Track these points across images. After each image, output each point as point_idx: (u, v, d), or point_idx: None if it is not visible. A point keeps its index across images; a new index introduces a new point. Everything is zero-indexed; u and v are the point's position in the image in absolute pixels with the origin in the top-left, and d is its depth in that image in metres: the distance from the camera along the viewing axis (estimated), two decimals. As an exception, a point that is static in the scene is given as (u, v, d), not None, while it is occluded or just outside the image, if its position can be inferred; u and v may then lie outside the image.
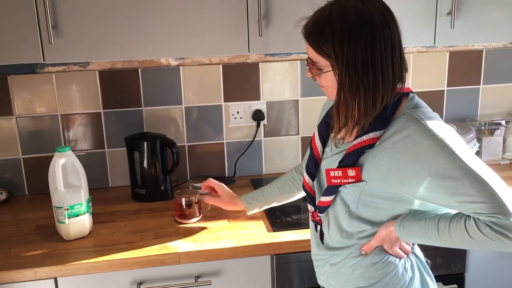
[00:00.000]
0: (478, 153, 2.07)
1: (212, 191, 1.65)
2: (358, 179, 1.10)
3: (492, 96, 2.20)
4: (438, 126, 1.04)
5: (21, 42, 1.51)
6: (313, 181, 1.23)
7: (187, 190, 1.72)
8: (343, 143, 1.17)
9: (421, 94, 1.08)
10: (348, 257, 1.19)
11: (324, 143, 1.22)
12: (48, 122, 1.92)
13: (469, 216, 1.03)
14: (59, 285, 1.44)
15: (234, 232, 1.55)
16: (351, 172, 1.10)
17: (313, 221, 1.26)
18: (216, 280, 1.50)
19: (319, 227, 1.24)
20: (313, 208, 1.24)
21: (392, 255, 1.16)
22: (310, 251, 1.32)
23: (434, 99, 2.16)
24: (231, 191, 1.63)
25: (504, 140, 2.13)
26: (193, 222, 1.66)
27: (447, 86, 2.16)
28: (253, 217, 1.65)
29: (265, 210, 1.64)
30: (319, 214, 1.22)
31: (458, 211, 1.05)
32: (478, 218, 1.01)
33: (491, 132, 2.11)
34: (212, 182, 1.64)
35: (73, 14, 1.51)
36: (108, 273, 1.44)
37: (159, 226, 1.64)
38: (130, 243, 1.52)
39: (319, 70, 1.10)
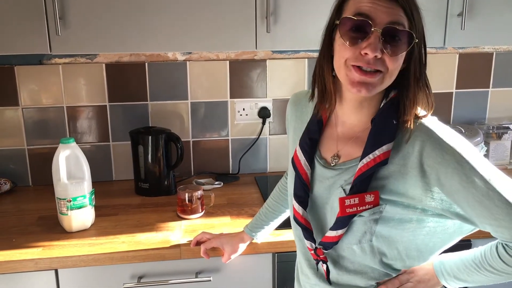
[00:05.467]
0: (485, 157, 2.04)
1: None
2: (376, 203, 0.96)
3: (501, 100, 2.17)
4: (451, 135, 0.93)
5: (29, 32, 1.51)
6: (307, 211, 1.06)
7: (191, 186, 1.72)
8: (338, 162, 1.03)
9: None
10: None
11: (310, 163, 1.05)
12: (54, 114, 1.93)
13: (499, 242, 0.94)
14: (59, 277, 1.44)
15: (236, 229, 1.53)
16: (369, 198, 0.95)
17: (315, 259, 1.08)
18: (216, 277, 1.49)
19: (324, 265, 1.06)
20: (313, 244, 1.05)
21: None
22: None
23: (442, 101, 2.13)
24: (227, 237, 1.44)
25: (512, 144, 2.11)
26: (195, 218, 1.65)
27: (456, 89, 2.14)
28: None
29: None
30: (324, 251, 1.04)
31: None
32: (507, 245, 0.92)
33: (499, 136, 2.08)
34: (208, 244, 1.43)
35: (80, 5, 1.51)
36: (108, 266, 1.44)
37: (161, 221, 1.63)
38: (132, 237, 1.51)
39: (402, 46, 0.92)
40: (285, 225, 1.50)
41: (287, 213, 1.41)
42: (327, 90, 1.02)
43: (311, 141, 1.05)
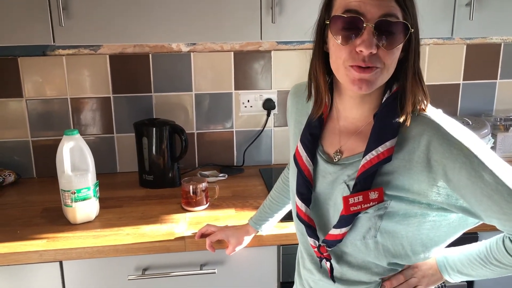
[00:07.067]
0: (492, 149, 2.03)
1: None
2: (381, 200, 0.94)
3: (509, 91, 2.15)
4: (458, 129, 0.91)
5: (32, 23, 1.49)
6: (309, 207, 1.04)
7: (195, 178, 1.71)
8: (341, 157, 1.01)
9: (436, 88, 0.99)
10: None
11: (312, 159, 1.03)
12: (58, 105, 1.92)
13: (506, 236, 0.93)
14: (64, 268, 1.44)
15: (241, 221, 1.53)
16: (373, 195, 0.93)
17: (319, 257, 1.07)
18: (221, 269, 1.49)
19: (328, 263, 1.05)
20: (317, 241, 1.03)
21: None
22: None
23: (449, 92, 2.11)
24: (232, 230, 1.44)
25: (520, 136, 2.09)
26: (200, 210, 1.65)
27: (463, 80, 2.11)
28: (261, 207, 1.63)
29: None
30: (327, 249, 1.03)
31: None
32: None
33: (507, 128, 2.06)
34: (213, 237, 1.42)
35: (84, -5, 1.49)
36: (113, 258, 1.43)
37: (165, 213, 1.63)
38: (136, 229, 1.51)
39: (398, 38, 0.88)
40: (290, 217, 1.48)
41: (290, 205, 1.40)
42: (319, 91, 1.01)
43: (312, 136, 1.04)
